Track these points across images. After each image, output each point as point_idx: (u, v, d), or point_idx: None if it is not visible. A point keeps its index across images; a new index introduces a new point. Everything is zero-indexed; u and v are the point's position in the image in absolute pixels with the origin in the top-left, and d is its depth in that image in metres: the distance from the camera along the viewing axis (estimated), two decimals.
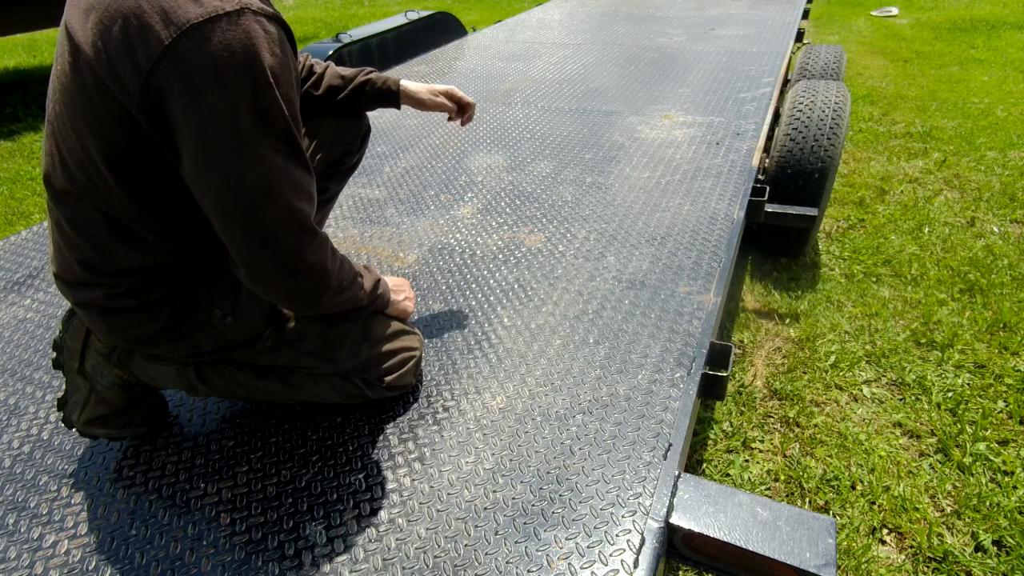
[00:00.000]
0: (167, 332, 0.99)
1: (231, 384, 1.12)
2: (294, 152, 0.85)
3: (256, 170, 0.81)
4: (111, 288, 0.94)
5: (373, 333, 1.16)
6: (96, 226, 0.90)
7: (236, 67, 0.75)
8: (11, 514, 1.03)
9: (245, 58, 0.75)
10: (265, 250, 0.86)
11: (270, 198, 0.83)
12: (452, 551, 0.93)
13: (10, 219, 3.45)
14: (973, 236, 2.81)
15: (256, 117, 0.79)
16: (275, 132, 0.81)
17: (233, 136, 0.78)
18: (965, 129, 4.03)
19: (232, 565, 0.93)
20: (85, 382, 1.10)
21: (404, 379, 1.19)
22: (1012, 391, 1.92)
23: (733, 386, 2.01)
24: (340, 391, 1.16)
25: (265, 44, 0.77)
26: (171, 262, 0.96)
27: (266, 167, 0.82)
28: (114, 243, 0.91)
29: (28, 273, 1.74)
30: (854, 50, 6.23)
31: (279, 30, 0.81)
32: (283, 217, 0.85)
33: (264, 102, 0.78)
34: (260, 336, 1.07)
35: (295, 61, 0.87)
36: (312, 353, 1.11)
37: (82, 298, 0.96)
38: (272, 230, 0.85)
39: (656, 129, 2.51)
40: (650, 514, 0.96)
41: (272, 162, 0.82)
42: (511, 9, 9.20)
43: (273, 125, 0.81)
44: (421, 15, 4.22)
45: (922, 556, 1.47)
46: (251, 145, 0.79)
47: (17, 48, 7.77)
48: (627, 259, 1.64)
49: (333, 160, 1.39)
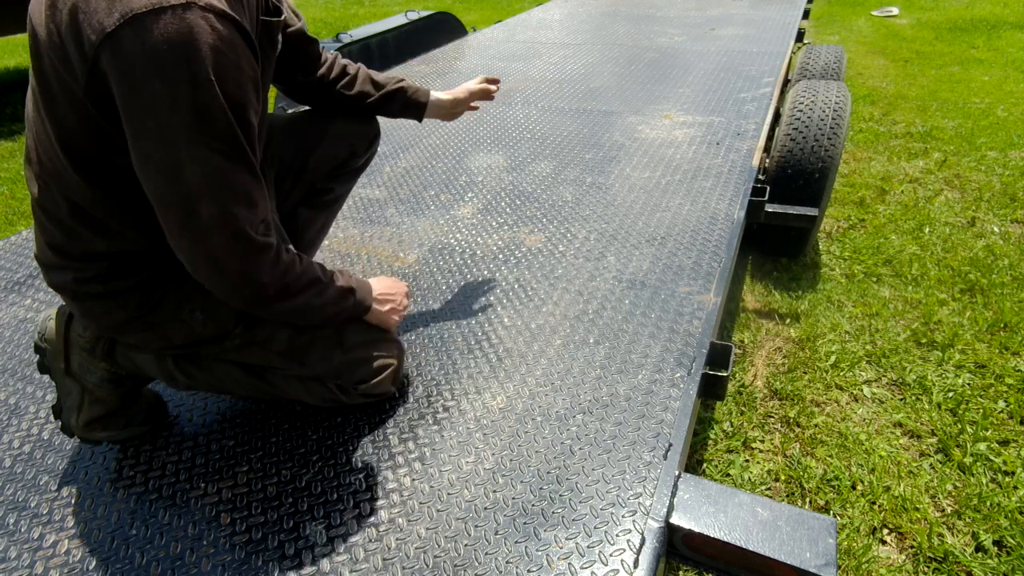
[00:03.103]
0: (136, 321, 1.00)
1: (210, 377, 1.12)
2: (237, 155, 0.84)
3: (192, 167, 0.80)
4: (80, 272, 0.96)
5: (347, 340, 1.12)
6: (61, 210, 0.92)
7: (175, 60, 0.75)
8: (11, 514, 1.03)
9: (185, 52, 0.75)
10: (198, 247, 0.86)
11: (204, 197, 0.82)
12: (452, 551, 0.93)
13: (10, 219, 3.45)
14: (974, 236, 2.80)
15: (195, 113, 0.78)
16: (214, 131, 0.80)
17: (171, 129, 0.78)
18: (966, 129, 4.02)
19: (232, 565, 0.93)
20: (75, 383, 1.10)
21: (380, 387, 1.17)
22: (1013, 391, 1.92)
23: (733, 386, 2.01)
24: (314, 395, 1.15)
25: (208, 41, 0.76)
26: (138, 250, 0.96)
27: (202, 166, 0.81)
28: (78, 227, 0.93)
29: (28, 273, 1.74)
30: (854, 50, 6.22)
31: (231, 30, 0.80)
32: (216, 219, 0.84)
33: (203, 98, 0.77)
34: (229, 333, 1.06)
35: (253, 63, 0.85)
36: (281, 354, 1.09)
37: (55, 281, 0.99)
38: (205, 230, 0.84)
39: (656, 129, 2.51)
40: (650, 514, 0.96)
41: (209, 161, 0.81)
42: (511, 9, 9.20)
43: (212, 124, 0.80)
44: (421, 15, 4.22)
45: (922, 556, 1.47)
46: (188, 141, 0.79)
47: (17, 48, 7.78)
48: (627, 259, 1.64)
49: (340, 160, 1.39)
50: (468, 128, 2.62)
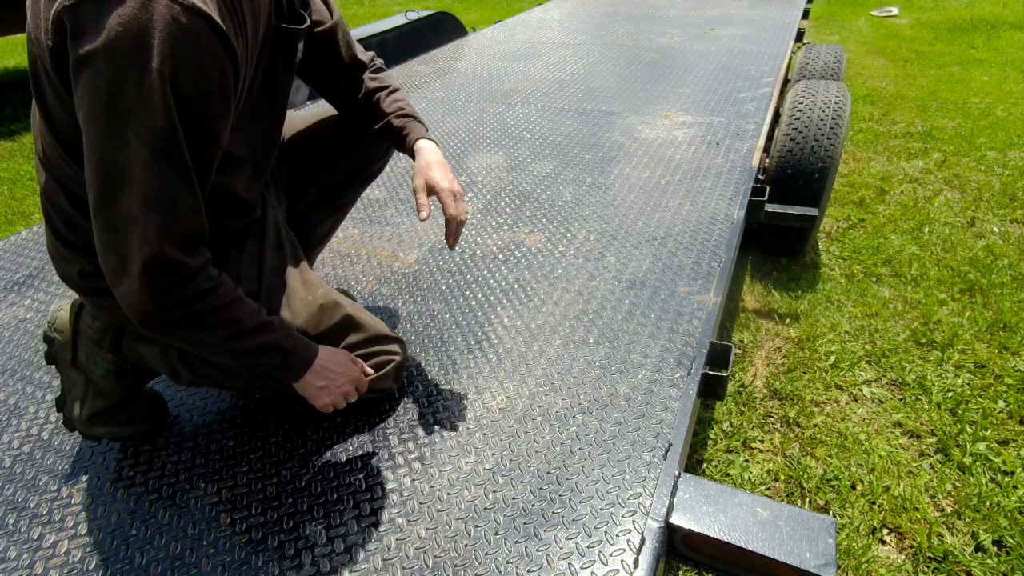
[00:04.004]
0: None
1: (214, 371, 1.11)
2: (168, 155, 0.80)
3: (121, 152, 0.78)
4: (84, 265, 0.97)
5: (351, 335, 1.13)
6: (60, 199, 0.92)
7: (127, 46, 0.73)
8: (11, 514, 1.03)
9: (139, 39, 0.73)
10: (105, 235, 0.82)
11: (125, 186, 0.79)
12: (452, 551, 0.93)
13: (10, 219, 3.45)
14: (973, 236, 2.81)
15: (134, 100, 0.75)
16: (151, 125, 0.77)
17: (109, 109, 0.76)
18: (965, 129, 4.03)
19: (232, 565, 0.93)
20: (80, 375, 1.10)
21: (383, 382, 1.18)
22: (1012, 391, 1.92)
23: (733, 386, 2.01)
24: None
25: (168, 32, 0.74)
26: None
27: (131, 154, 0.78)
28: (77, 216, 0.93)
29: (28, 273, 1.74)
30: (854, 50, 6.22)
31: (198, 23, 0.76)
32: (132, 214, 0.80)
33: (146, 89, 0.75)
34: None
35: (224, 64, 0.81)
36: None
37: (62, 272, 1.00)
38: (118, 221, 0.81)
39: (656, 129, 2.51)
40: (650, 514, 0.96)
41: (137, 152, 0.78)
42: (511, 9, 9.20)
43: (151, 117, 0.76)
44: (421, 15, 4.22)
45: (922, 556, 1.47)
46: (122, 126, 0.76)
47: (17, 48, 7.77)
48: (627, 259, 1.64)
49: (355, 165, 1.38)
50: (468, 128, 2.62)
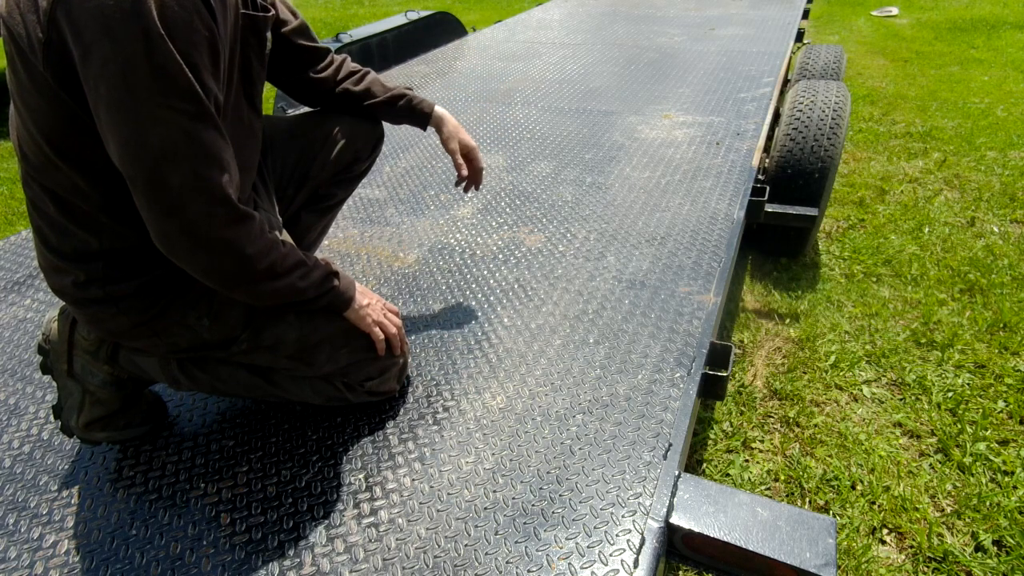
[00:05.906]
0: (140, 328, 0.99)
1: (213, 379, 1.11)
2: (202, 114, 0.79)
3: (156, 131, 0.76)
4: (77, 275, 0.94)
5: (353, 340, 1.11)
6: (49, 207, 0.90)
7: (123, 16, 0.71)
8: (11, 514, 1.03)
9: (133, 6, 0.71)
10: (172, 220, 0.81)
11: (173, 162, 0.77)
12: (452, 551, 0.93)
13: (10, 219, 3.45)
14: (973, 236, 2.81)
15: (152, 73, 0.73)
16: (176, 90, 0.75)
17: (129, 93, 0.74)
18: (965, 129, 4.03)
19: (232, 565, 0.93)
20: (77, 384, 1.09)
21: (386, 385, 1.17)
22: (1012, 391, 1.92)
23: (733, 386, 2.01)
24: (321, 393, 1.15)
25: None
26: (131, 247, 0.93)
27: (167, 128, 0.76)
28: (68, 223, 0.91)
29: (28, 273, 1.74)
30: (854, 50, 6.23)
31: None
32: (189, 184, 0.79)
33: (159, 57, 0.73)
34: (236, 339, 1.05)
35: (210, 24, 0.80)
36: (290, 356, 1.08)
37: (55, 284, 0.98)
38: (177, 198, 0.79)
39: (656, 129, 2.51)
40: (650, 514, 0.96)
41: (173, 123, 0.76)
42: (511, 9, 9.20)
43: (173, 82, 0.75)
44: (421, 15, 4.21)
45: (922, 556, 1.47)
46: (149, 104, 0.74)
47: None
48: (627, 259, 1.64)
49: (342, 166, 1.38)
50: (468, 128, 2.62)
